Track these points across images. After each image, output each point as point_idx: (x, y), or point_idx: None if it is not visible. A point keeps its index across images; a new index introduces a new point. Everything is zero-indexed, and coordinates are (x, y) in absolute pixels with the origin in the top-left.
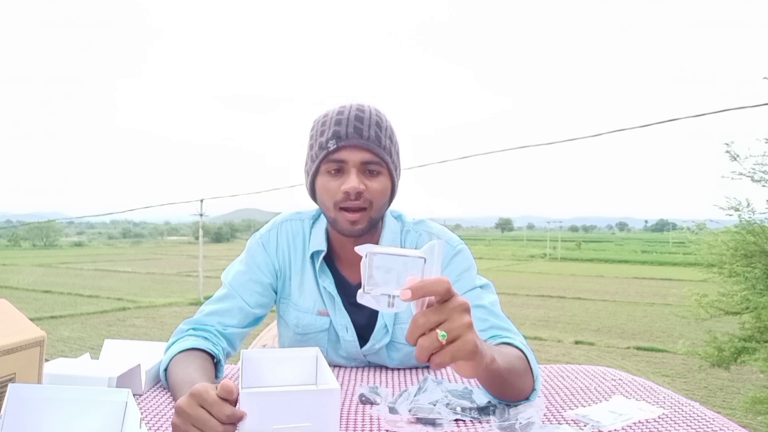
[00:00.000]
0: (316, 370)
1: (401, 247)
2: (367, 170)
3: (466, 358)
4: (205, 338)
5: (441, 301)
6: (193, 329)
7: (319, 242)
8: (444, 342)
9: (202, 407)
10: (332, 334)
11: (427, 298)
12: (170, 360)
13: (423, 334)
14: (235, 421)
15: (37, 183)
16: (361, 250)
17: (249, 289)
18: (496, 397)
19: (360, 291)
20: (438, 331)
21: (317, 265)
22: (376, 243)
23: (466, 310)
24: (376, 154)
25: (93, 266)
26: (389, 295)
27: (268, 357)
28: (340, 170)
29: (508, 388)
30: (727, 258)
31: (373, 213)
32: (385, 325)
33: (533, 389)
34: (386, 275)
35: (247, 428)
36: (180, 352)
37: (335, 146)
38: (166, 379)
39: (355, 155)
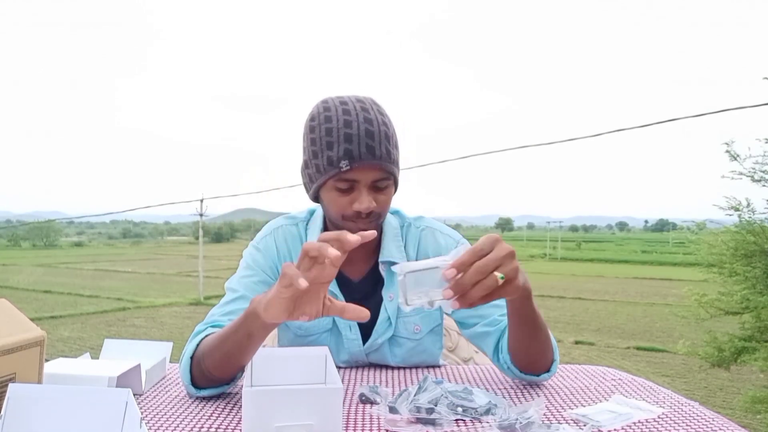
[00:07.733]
0: (325, 370)
1: (402, 241)
2: (376, 186)
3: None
4: None
5: (489, 250)
6: (212, 326)
7: None
8: (501, 283)
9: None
10: (335, 334)
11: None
12: (197, 344)
13: (481, 280)
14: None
15: (37, 183)
16: (397, 269)
17: (257, 290)
18: (520, 351)
19: (402, 305)
20: (497, 273)
21: None
22: (378, 240)
23: (513, 255)
24: (387, 171)
25: (93, 266)
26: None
27: (277, 356)
28: (350, 188)
29: (536, 343)
30: (727, 258)
31: (381, 220)
32: (388, 318)
33: (553, 360)
34: (420, 288)
35: (251, 425)
36: (206, 336)
37: (348, 167)
38: (191, 366)
39: (368, 175)
